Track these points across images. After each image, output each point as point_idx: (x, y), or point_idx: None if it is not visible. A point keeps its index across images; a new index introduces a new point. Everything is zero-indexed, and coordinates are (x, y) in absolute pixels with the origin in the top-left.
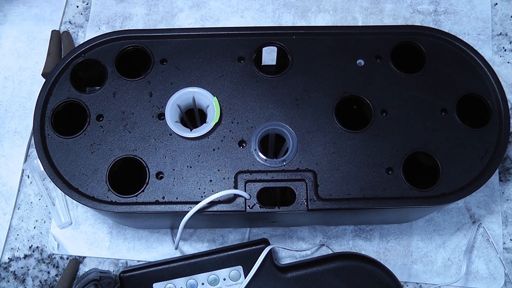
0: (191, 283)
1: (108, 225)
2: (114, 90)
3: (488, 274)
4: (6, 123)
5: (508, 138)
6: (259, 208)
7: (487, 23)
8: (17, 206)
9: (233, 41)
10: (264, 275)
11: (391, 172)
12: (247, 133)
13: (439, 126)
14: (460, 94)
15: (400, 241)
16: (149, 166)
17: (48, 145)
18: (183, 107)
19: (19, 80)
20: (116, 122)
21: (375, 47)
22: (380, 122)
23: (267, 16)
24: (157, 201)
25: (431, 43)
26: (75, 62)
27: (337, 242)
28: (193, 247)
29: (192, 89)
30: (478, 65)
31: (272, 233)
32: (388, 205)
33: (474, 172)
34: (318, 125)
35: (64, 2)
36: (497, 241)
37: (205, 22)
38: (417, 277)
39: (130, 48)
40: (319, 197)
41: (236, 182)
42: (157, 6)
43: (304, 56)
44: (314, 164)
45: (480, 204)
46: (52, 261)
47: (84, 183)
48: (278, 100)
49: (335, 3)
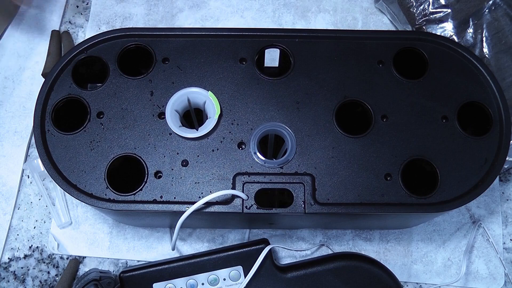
0: (191, 283)
1: (108, 225)
2: (115, 88)
3: (488, 274)
4: (6, 123)
5: (508, 147)
6: (256, 209)
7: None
8: (17, 206)
9: (236, 42)
10: (264, 275)
11: (389, 178)
12: (247, 135)
13: (440, 133)
14: (461, 101)
15: (400, 241)
16: (148, 165)
17: (48, 140)
18: (180, 111)
19: (19, 80)
20: (116, 120)
21: (377, 52)
22: (380, 128)
23: (267, 16)
24: (155, 200)
25: (433, 49)
26: (77, 59)
27: (337, 242)
28: (193, 247)
29: (184, 90)
30: (480, 73)
31: (272, 233)
32: (386, 211)
33: (473, 181)
34: (318, 128)
35: (64, 2)
36: (497, 241)
37: (205, 22)
38: (417, 277)
39: (132, 46)
40: (317, 201)
41: (234, 183)
42: (157, 6)
43: (306, 59)
44: (313, 168)
45: (480, 204)
46: (52, 261)
47: (83, 179)
48: (279, 103)
49: (335, 3)
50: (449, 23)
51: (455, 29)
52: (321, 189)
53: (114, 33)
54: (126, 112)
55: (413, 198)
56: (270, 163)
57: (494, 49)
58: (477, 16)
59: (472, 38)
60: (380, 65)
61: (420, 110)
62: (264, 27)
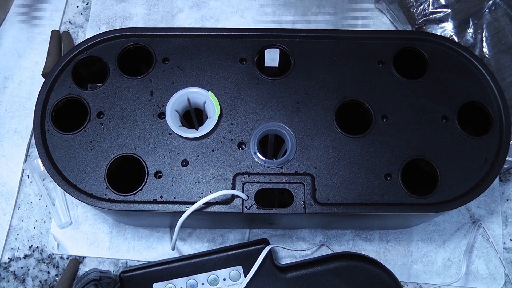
0: (191, 283)
1: (108, 225)
2: (115, 88)
3: (488, 274)
4: (6, 123)
5: (508, 147)
6: (256, 209)
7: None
8: (17, 206)
9: (236, 42)
10: (264, 275)
11: (389, 178)
12: (247, 135)
13: (440, 133)
14: (461, 101)
15: (400, 241)
16: (148, 165)
17: (48, 140)
18: (180, 111)
19: (19, 80)
20: (116, 120)
21: (377, 52)
22: (380, 128)
23: (267, 16)
24: (155, 200)
25: (433, 49)
26: (77, 59)
27: (337, 242)
28: (193, 247)
29: (184, 90)
30: (480, 73)
31: (272, 233)
32: (386, 211)
33: (473, 181)
34: (318, 128)
35: (64, 2)
36: (497, 241)
37: (205, 22)
38: (417, 277)
39: (132, 46)
40: (317, 201)
41: (234, 183)
42: (157, 6)
43: (306, 59)
44: (313, 168)
45: (480, 204)
46: (52, 261)
47: (83, 179)
48: (279, 103)
49: (335, 3)
50: (449, 23)
51: (455, 29)
52: (321, 189)
53: (114, 33)
54: (126, 112)
55: (413, 198)
56: (270, 163)
57: (494, 49)
58: (477, 16)
59: (472, 38)
60: (380, 65)
61: (420, 110)
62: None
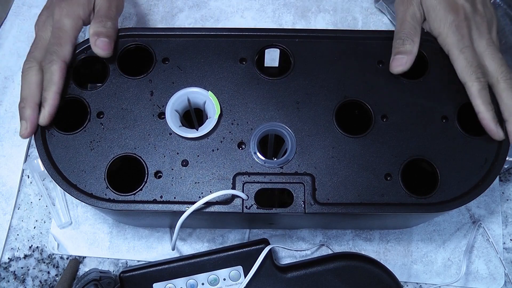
0: (191, 283)
1: (108, 225)
2: (115, 88)
3: (488, 274)
4: (6, 123)
5: (508, 147)
6: (256, 209)
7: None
8: (17, 206)
9: (236, 42)
10: (264, 275)
11: (389, 178)
12: (247, 135)
13: (439, 133)
14: (461, 101)
15: (400, 241)
16: (148, 164)
17: (48, 140)
18: (180, 111)
19: (19, 80)
20: (116, 120)
21: (377, 52)
22: (380, 128)
23: (267, 16)
24: (155, 200)
25: (434, 49)
26: (77, 59)
27: (337, 242)
28: (193, 247)
29: (184, 90)
30: None
31: (272, 233)
32: (386, 211)
33: (473, 181)
34: (318, 128)
35: None
36: (497, 241)
37: (205, 22)
38: (417, 277)
39: (132, 46)
40: (317, 201)
41: (234, 183)
42: (157, 6)
43: (306, 59)
44: (313, 168)
45: (480, 204)
46: (52, 261)
47: (83, 179)
48: (279, 103)
49: (335, 3)
50: None
51: None
52: (321, 189)
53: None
54: (126, 112)
55: (413, 198)
56: (270, 163)
57: None
58: None
59: None
60: (380, 65)
61: (420, 110)
62: (264, 27)
